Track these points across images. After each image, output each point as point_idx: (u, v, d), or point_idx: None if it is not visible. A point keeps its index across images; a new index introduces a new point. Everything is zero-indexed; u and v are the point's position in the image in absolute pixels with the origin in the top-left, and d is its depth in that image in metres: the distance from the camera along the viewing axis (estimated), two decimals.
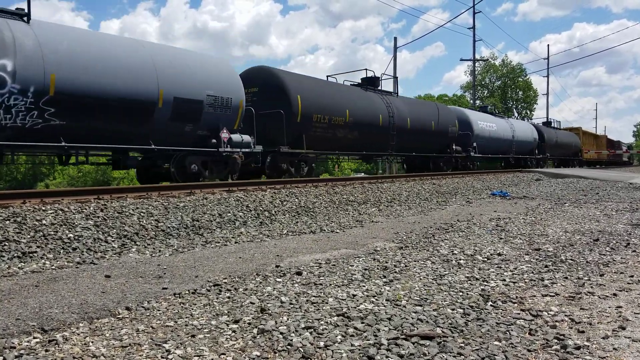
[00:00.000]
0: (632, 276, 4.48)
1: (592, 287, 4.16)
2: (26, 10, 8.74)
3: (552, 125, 38.59)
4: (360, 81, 18.63)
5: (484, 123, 25.38)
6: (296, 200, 9.88)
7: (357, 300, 3.68)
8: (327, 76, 17.27)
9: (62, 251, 5.64)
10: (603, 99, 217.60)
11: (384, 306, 3.53)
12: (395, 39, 35.51)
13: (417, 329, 3.07)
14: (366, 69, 23.93)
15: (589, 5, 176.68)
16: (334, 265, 5.00)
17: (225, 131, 11.65)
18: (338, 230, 7.60)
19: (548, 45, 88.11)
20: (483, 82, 63.07)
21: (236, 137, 11.99)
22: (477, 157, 24.35)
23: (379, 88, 19.12)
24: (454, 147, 22.50)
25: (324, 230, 7.66)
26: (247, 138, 12.32)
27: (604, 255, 5.45)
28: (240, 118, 12.16)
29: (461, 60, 51.73)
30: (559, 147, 35.72)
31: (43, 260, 5.29)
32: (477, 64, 50.68)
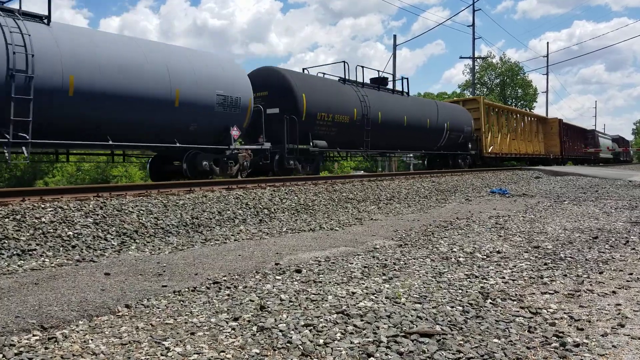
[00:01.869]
0: (631, 274, 4.48)
1: (591, 284, 4.16)
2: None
3: (390, 85, 19.85)
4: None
5: None
6: (295, 198, 9.88)
7: (357, 298, 3.69)
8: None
9: (61, 249, 5.64)
10: (603, 96, 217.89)
11: (384, 304, 3.53)
12: (394, 36, 35.52)
13: (417, 326, 3.07)
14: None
15: (588, 3, 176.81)
16: (333, 263, 5.00)
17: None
18: (337, 228, 7.60)
19: (547, 43, 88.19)
20: (482, 80, 63.05)
21: None
22: None
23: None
24: None
25: (324, 228, 7.66)
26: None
27: (603, 253, 5.46)
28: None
29: (460, 58, 51.50)
30: (386, 131, 17.72)
31: (42, 258, 5.28)
32: (476, 62, 50.58)
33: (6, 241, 5.47)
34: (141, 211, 7.13)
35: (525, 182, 18.71)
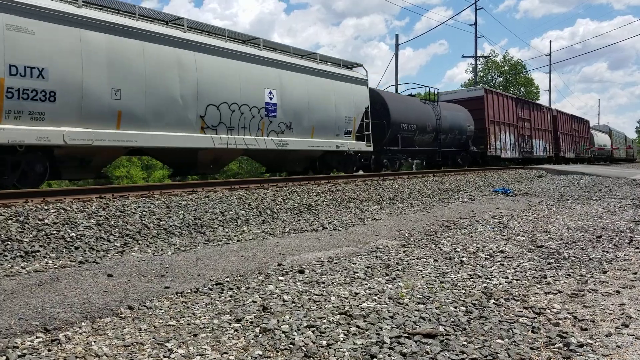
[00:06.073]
0: (635, 273, 4.47)
1: (595, 284, 4.15)
2: None
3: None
4: None
5: None
6: (298, 198, 9.87)
7: (360, 299, 3.68)
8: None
9: (64, 250, 5.64)
10: (605, 95, 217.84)
11: (387, 304, 3.53)
12: (396, 36, 35.54)
13: (420, 327, 3.06)
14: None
15: (590, 2, 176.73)
16: (336, 263, 4.99)
17: None
18: (340, 228, 7.60)
19: (550, 41, 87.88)
20: (485, 79, 62.99)
21: None
22: None
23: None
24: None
25: (326, 228, 7.65)
26: None
27: (607, 252, 5.44)
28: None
29: (463, 57, 51.52)
30: None
31: (46, 260, 5.29)
32: (478, 61, 50.45)
33: (9, 243, 5.48)
34: (144, 212, 7.14)
35: (528, 181, 18.67)
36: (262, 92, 12.85)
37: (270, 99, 13.09)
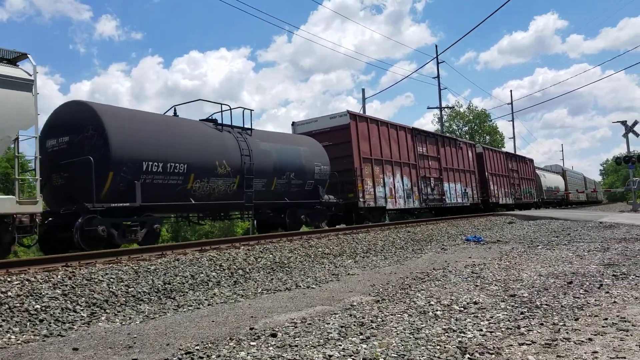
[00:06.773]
0: (606, 319, 4.50)
1: (567, 332, 4.16)
2: None
3: None
4: None
5: None
6: (271, 256, 9.77)
7: None
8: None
9: (28, 324, 5.43)
10: (568, 140, 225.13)
11: None
12: (363, 90, 36.25)
13: None
14: None
15: (546, 52, 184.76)
16: (310, 324, 4.91)
17: None
18: (314, 286, 7.51)
19: (511, 90, 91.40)
20: (451, 129, 64.53)
21: None
22: None
23: None
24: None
25: (300, 286, 7.56)
26: None
27: (578, 298, 5.48)
28: None
29: (428, 108, 52.97)
30: None
31: (8, 335, 5.07)
32: (444, 111, 51.73)
33: None
34: (111, 279, 6.96)
35: (499, 228, 18.89)
36: None
37: None
